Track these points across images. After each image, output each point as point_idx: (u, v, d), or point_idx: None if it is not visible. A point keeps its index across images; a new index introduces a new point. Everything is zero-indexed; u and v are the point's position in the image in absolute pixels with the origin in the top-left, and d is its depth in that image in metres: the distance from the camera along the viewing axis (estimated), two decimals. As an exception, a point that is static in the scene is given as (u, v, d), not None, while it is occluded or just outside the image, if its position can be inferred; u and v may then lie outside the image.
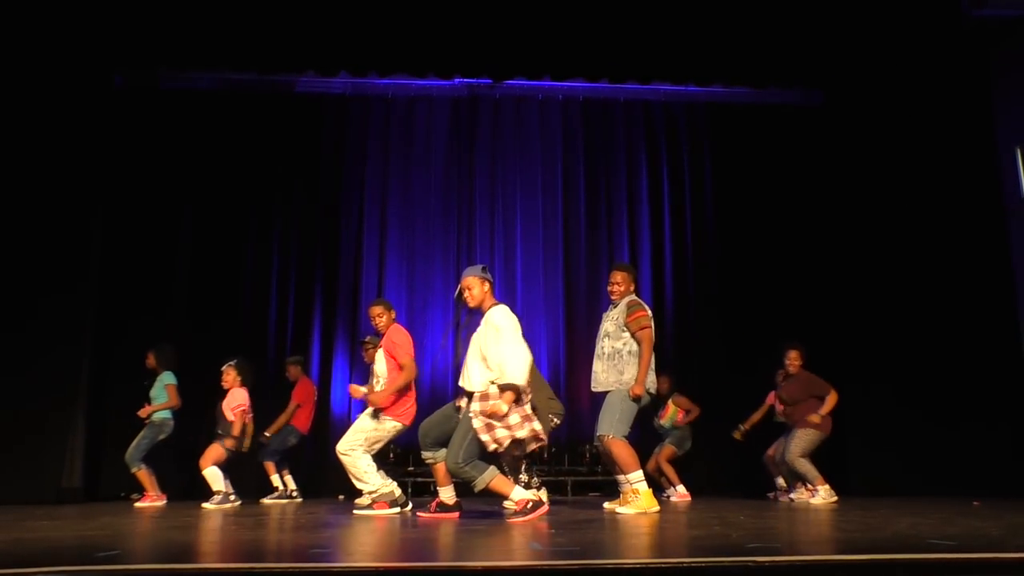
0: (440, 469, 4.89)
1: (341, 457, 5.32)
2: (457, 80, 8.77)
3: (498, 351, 4.58)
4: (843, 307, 8.11)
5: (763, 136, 8.89)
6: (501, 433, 4.46)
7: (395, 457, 7.77)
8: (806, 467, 6.36)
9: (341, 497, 7.30)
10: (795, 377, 6.67)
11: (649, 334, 5.12)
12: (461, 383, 4.80)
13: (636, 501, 4.97)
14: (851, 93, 8.33)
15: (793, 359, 6.68)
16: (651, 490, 5.10)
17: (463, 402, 4.74)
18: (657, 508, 4.97)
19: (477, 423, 4.48)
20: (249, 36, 7.94)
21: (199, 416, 7.22)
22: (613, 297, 5.37)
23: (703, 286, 8.77)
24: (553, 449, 8.07)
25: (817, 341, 8.26)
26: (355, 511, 5.27)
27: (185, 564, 2.62)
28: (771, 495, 7.08)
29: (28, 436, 7.02)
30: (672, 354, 8.15)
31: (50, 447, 7.12)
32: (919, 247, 7.89)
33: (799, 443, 6.39)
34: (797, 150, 8.77)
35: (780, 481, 6.98)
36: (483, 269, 4.95)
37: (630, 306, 5.20)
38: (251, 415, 6.78)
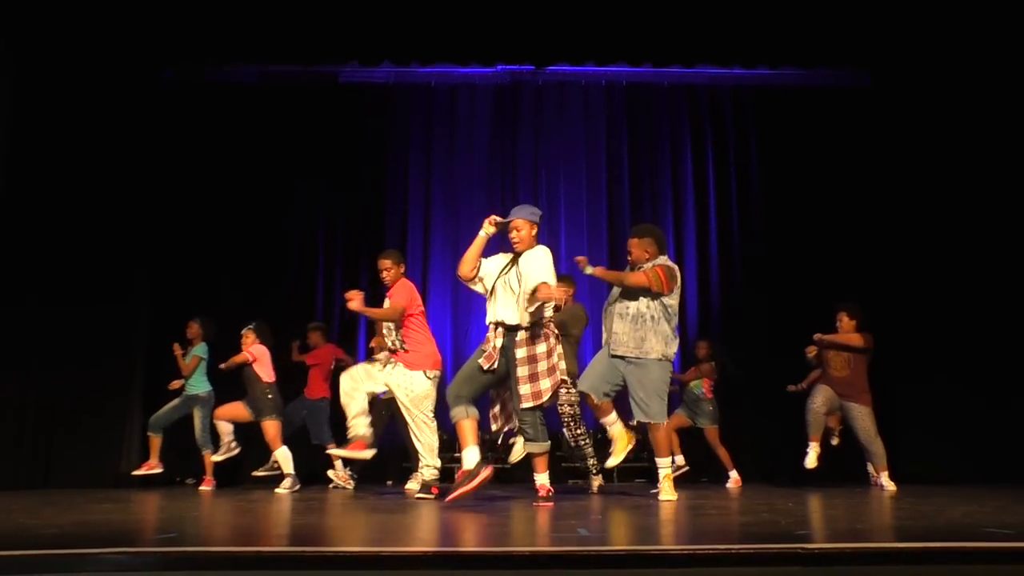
0: (470, 427, 4.73)
1: (424, 427, 5.40)
2: (499, 67, 8.74)
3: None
4: (895, 292, 7.93)
5: (811, 119, 8.67)
6: (544, 384, 4.50)
7: (442, 443, 7.82)
8: (880, 447, 6.22)
9: (389, 483, 7.40)
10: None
11: (639, 278, 4.98)
12: (492, 319, 4.79)
13: (667, 488, 4.95)
14: (902, 73, 8.10)
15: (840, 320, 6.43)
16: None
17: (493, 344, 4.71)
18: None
19: (521, 371, 4.52)
20: (293, 28, 8.00)
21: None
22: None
23: (750, 273, 8.62)
24: (599, 435, 8.06)
25: (869, 327, 8.12)
26: (417, 496, 5.35)
27: (243, 547, 2.69)
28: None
29: (88, 424, 7.27)
30: (720, 341, 8.03)
31: (108, 434, 7.35)
32: (974, 232, 7.65)
33: (866, 421, 6.24)
34: (846, 133, 8.54)
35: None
36: (532, 213, 4.91)
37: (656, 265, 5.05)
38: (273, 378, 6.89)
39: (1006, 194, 7.62)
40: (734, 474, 7.03)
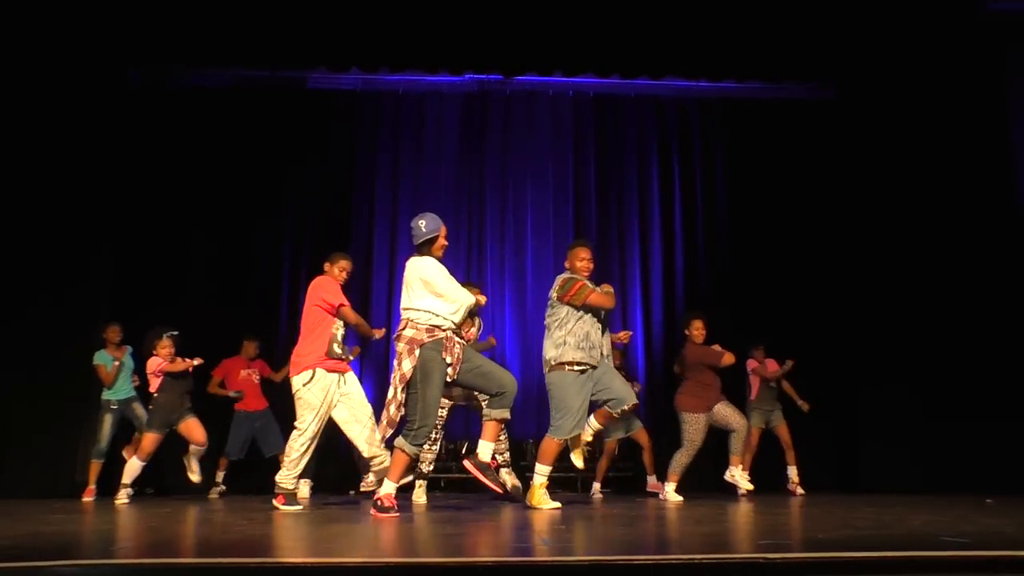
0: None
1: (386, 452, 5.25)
2: (468, 76, 8.78)
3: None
4: (857, 303, 8.09)
5: (776, 131, 8.84)
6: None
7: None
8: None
9: (352, 492, 7.33)
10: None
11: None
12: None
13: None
14: (865, 87, 8.28)
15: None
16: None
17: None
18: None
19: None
20: (261, 33, 7.96)
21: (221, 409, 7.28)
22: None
23: (715, 282, 8.73)
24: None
25: (831, 338, 8.24)
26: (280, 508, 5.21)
27: (201, 559, 2.64)
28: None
29: (43, 432, 7.10)
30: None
31: (64, 443, 7.19)
32: (933, 244, 7.81)
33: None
34: (810, 145, 8.72)
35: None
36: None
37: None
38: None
39: (968, 207, 7.77)
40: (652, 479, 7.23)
